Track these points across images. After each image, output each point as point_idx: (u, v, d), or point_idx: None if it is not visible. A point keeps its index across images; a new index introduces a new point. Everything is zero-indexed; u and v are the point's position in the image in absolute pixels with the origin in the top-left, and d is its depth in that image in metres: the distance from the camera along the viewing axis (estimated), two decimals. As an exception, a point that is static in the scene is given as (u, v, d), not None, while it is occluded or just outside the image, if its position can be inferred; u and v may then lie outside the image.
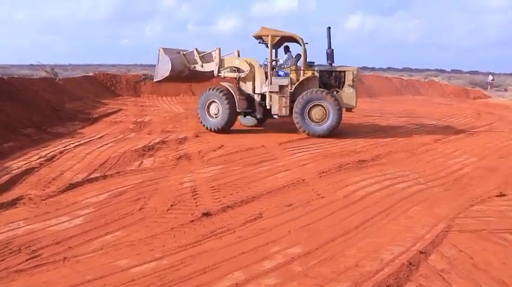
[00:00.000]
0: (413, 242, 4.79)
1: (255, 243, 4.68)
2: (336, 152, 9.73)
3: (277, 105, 11.87)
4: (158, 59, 12.69)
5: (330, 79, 12.46)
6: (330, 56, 12.32)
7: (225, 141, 10.61)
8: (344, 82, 12.18)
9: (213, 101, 12.20)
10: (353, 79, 12.12)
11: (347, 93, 12.10)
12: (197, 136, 11.54)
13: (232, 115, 12.16)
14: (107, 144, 10.14)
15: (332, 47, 12.35)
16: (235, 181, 7.15)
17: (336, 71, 12.48)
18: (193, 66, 12.91)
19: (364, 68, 73.73)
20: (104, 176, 7.27)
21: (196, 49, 12.94)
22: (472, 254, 4.51)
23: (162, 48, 12.64)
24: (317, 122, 11.68)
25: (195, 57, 12.87)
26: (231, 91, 12.12)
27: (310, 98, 11.63)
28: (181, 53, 12.93)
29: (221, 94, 12.03)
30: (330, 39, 12.36)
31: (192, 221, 5.30)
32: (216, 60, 12.58)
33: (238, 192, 6.54)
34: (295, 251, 4.49)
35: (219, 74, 12.77)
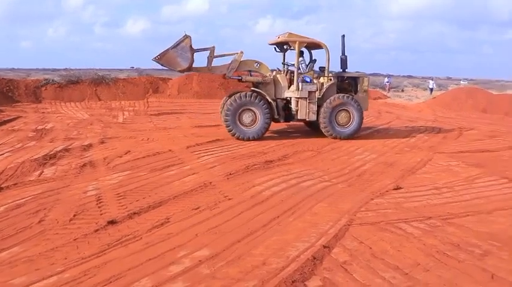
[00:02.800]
0: (318, 237, 4.96)
1: (162, 248, 4.59)
2: (244, 153, 9.82)
3: (305, 111, 12.07)
4: (180, 45, 11.42)
5: (344, 84, 12.88)
6: (344, 62, 12.71)
7: (131, 147, 10.32)
8: (357, 87, 12.78)
9: (248, 109, 11.77)
10: (366, 85, 12.86)
11: (361, 98, 12.68)
12: (103, 142, 11.11)
13: (270, 123, 12.07)
14: (2, 154, 9.42)
15: (346, 54, 12.72)
16: (142, 187, 6.97)
17: (350, 77, 12.94)
18: (209, 67, 12.14)
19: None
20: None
21: (214, 48, 12.16)
22: (371, 244, 4.76)
23: (186, 36, 11.45)
24: (343, 125, 12.25)
25: (210, 57, 12.05)
26: (267, 97, 11.92)
27: (337, 103, 12.09)
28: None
29: (258, 101, 11.75)
30: (344, 46, 12.72)
31: (97, 230, 5.09)
32: (234, 64, 12.01)
33: (145, 198, 6.39)
34: (202, 254, 4.46)
35: (232, 77, 12.52)
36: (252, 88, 12.17)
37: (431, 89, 38.32)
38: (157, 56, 11.32)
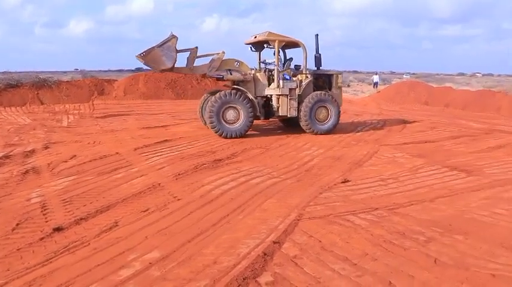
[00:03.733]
0: (268, 233, 4.99)
1: (111, 253, 4.48)
2: (193, 153, 9.73)
3: (286, 107, 12.42)
4: (166, 44, 11.29)
5: (319, 82, 13.29)
6: (318, 60, 13.25)
7: (77, 151, 10.01)
8: (332, 84, 13.26)
9: (231, 107, 11.92)
10: (340, 82, 13.50)
11: (336, 94, 13.20)
12: (47, 147, 10.71)
13: (253, 120, 12.27)
14: None
15: (320, 52, 13.25)
16: (89, 191, 6.78)
17: (325, 74, 13.40)
18: (191, 67, 12.15)
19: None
20: None
21: (197, 48, 12.15)
22: (320, 238, 4.84)
23: (172, 36, 11.39)
24: (322, 121, 12.71)
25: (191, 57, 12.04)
26: (249, 95, 12.04)
27: (317, 99, 12.53)
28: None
29: (241, 99, 11.92)
30: (317, 45, 13.24)
31: (42, 238, 4.90)
32: (216, 63, 12.05)
33: (92, 202, 6.21)
34: (152, 256, 4.40)
35: (213, 75, 12.53)
36: (234, 86, 12.28)
37: (376, 83, 38.64)
38: (142, 53, 11.12)
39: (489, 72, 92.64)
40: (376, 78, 40.00)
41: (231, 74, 12.41)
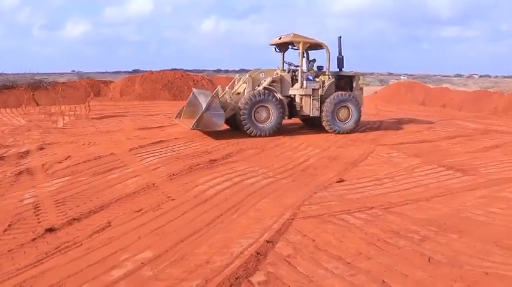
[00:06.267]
0: (262, 233, 4.95)
1: (103, 253, 4.43)
2: (188, 153, 9.69)
3: (309, 107, 12.72)
4: (211, 106, 11.53)
5: (341, 83, 13.42)
6: (341, 62, 13.33)
7: (72, 152, 9.96)
8: (353, 85, 13.48)
9: (262, 106, 12.18)
10: (361, 83, 13.84)
11: (357, 95, 13.39)
12: (41, 148, 10.65)
13: (283, 118, 12.56)
14: None
15: (342, 54, 13.31)
16: (83, 192, 6.73)
17: (347, 76, 13.54)
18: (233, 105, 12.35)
19: (218, 71, 75.18)
20: None
21: (221, 87, 12.81)
22: (314, 237, 4.81)
23: (212, 96, 11.69)
24: (343, 121, 12.94)
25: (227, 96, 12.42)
26: (279, 95, 12.32)
27: (339, 100, 12.76)
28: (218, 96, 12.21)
29: (272, 98, 12.18)
30: (340, 47, 13.29)
31: (34, 239, 4.84)
32: (250, 87, 12.44)
33: (86, 203, 6.16)
34: (145, 256, 4.36)
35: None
36: (265, 86, 12.38)
37: None
38: (194, 124, 11.39)
39: (486, 74, 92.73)
40: None
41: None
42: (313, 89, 12.67)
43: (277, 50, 13.97)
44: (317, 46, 13.18)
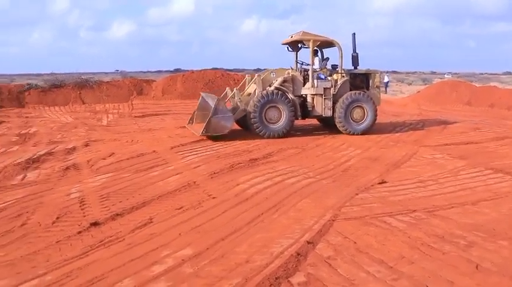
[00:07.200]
0: (302, 233, 4.91)
1: (145, 249, 4.51)
2: (229, 152, 9.75)
3: (320, 107, 12.37)
4: (217, 109, 11.37)
5: (357, 81, 13.02)
6: (355, 59, 12.93)
7: (115, 149, 10.21)
8: (370, 84, 13.03)
9: (273, 106, 11.94)
10: (378, 81, 13.25)
11: (373, 94, 12.90)
12: (87, 145, 10.99)
13: (294, 119, 12.27)
14: (-16, 159, 9.29)
15: (357, 52, 12.91)
16: (125, 188, 6.89)
17: (362, 74, 13.13)
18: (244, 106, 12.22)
19: (258, 70, 75.36)
20: (-19, 193, 6.63)
21: (229, 88, 12.73)
22: (355, 239, 4.72)
23: (218, 99, 11.60)
24: (357, 121, 12.48)
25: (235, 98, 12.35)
26: (290, 95, 12.13)
27: (353, 99, 12.31)
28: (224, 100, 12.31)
29: (283, 98, 11.94)
30: (354, 44, 12.88)
31: (80, 232, 5.00)
32: (260, 88, 12.18)
33: (128, 199, 6.31)
34: (185, 253, 4.39)
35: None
36: (276, 86, 12.19)
37: (386, 84, 34.71)
38: (203, 130, 11.27)
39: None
40: (386, 78, 35.37)
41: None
42: (324, 88, 12.29)
43: (289, 49, 13.69)
44: (329, 44, 12.80)
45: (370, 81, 13.08)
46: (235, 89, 12.56)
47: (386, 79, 34.93)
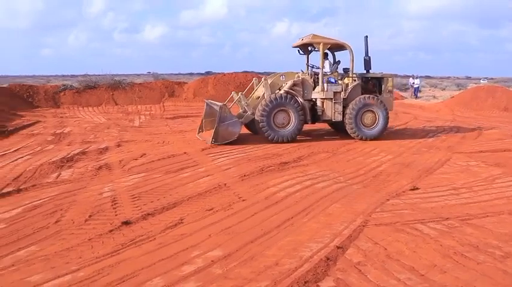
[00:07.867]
0: (332, 238, 4.88)
1: (175, 249, 4.58)
2: (259, 155, 9.78)
3: (330, 111, 12.14)
4: (222, 117, 11.26)
5: (369, 85, 12.85)
6: (368, 63, 12.69)
7: (147, 150, 10.38)
8: (382, 88, 12.77)
9: (282, 110, 11.79)
10: (391, 85, 12.90)
11: (386, 99, 12.66)
12: (119, 145, 11.22)
13: (303, 124, 12.12)
14: (22, 157, 9.60)
15: (369, 55, 12.66)
16: (157, 189, 6.99)
17: (375, 78, 12.91)
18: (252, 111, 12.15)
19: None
20: (18, 190, 6.87)
21: (235, 92, 12.60)
22: (386, 245, 4.67)
23: (220, 107, 11.32)
24: (368, 126, 12.24)
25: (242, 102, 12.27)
26: (299, 99, 12.01)
27: (363, 104, 12.08)
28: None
29: (292, 102, 11.79)
30: (367, 47, 12.65)
31: (111, 230, 5.12)
32: (268, 92, 12.02)
33: (159, 199, 6.40)
34: (215, 254, 4.44)
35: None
36: (286, 89, 12.07)
37: (416, 90, 33.11)
38: (212, 140, 11.18)
39: None
40: (416, 82, 33.46)
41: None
42: (334, 92, 12.02)
43: (300, 52, 13.44)
44: (339, 47, 12.55)
45: (383, 85, 12.76)
46: (240, 93, 12.38)
47: (417, 83, 33.58)
